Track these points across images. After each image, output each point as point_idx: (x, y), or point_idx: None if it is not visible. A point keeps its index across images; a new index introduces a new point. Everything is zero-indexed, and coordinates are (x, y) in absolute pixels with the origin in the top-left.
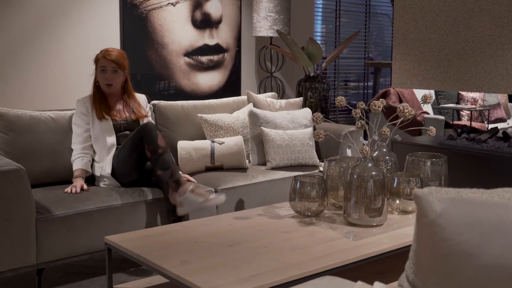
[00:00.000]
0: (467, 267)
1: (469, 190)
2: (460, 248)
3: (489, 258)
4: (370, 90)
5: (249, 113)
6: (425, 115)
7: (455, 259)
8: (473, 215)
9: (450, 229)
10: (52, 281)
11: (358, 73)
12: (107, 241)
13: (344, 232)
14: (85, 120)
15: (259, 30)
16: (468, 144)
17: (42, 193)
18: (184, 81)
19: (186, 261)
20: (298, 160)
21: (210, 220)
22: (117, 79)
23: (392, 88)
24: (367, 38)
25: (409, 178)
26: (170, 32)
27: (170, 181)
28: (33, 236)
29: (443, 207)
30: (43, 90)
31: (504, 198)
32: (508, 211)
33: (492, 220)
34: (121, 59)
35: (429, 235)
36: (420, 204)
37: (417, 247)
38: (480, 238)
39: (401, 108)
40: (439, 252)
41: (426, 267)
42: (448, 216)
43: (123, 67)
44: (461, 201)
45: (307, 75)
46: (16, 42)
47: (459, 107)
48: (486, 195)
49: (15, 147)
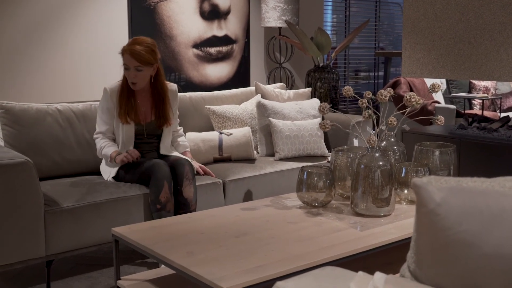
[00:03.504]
0: (467, 256)
1: (470, 179)
2: (459, 237)
3: (489, 248)
4: (381, 80)
5: (257, 104)
6: (436, 104)
7: (455, 249)
8: (473, 204)
9: (449, 218)
10: (61, 273)
11: (368, 63)
12: (114, 232)
13: (351, 222)
14: (110, 115)
15: (267, 21)
16: (479, 133)
17: (50, 186)
18: (193, 73)
19: (192, 252)
20: (306, 150)
21: (217, 211)
22: (142, 76)
23: (402, 77)
24: (377, 28)
25: (417, 167)
26: (178, 24)
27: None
28: (41, 228)
29: (443, 196)
30: (52, 83)
31: (505, 187)
32: (509, 200)
33: (493, 209)
34: (146, 55)
35: (429, 225)
36: (419, 193)
37: (417, 237)
38: (480, 227)
39: (407, 97)
40: (439, 242)
41: (426, 257)
42: (448, 206)
43: (148, 64)
44: (461, 190)
45: (316, 66)
46: (24, 35)
47: (470, 96)
48: (487, 184)
49: (22, 140)
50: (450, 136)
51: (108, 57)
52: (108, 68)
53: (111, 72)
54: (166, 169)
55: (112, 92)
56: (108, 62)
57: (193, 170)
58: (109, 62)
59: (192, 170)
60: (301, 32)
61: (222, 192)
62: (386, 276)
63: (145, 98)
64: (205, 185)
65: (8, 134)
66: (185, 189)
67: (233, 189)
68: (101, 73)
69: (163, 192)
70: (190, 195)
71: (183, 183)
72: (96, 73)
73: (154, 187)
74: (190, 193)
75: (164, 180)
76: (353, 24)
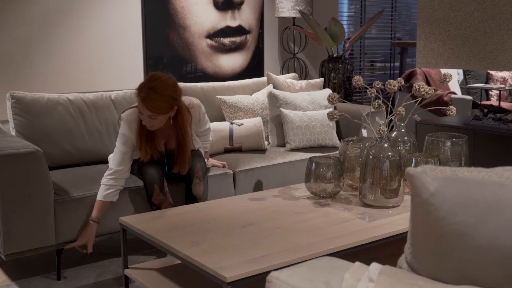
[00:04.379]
0: (462, 248)
1: (466, 169)
2: (454, 228)
3: (485, 240)
4: (397, 70)
5: (268, 94)
6: (452, 95)
7: (450, 240)
8: (468, 195)
9: (444, 208)
10: (73, 261)
11: (385, 54)
12: (122, 221)
13: (359, 213)
14: (130, 146)
15: (281, 11)
16: (494, 125)
17: (61, 175)
18: (207, 63)
19: (197, 242)
20: (317, 141)
21: (225, 201)
22: (157, 122)
23: (418, 68)
24: (394, 18)
25: (427, 158)
26: (192, 14)
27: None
28: (51, 217)
29: (437, 186)
30: (66, 74)
31: (503, 177)
32: (506, 190)
33: (489, 199)
34: (161, 105)
35: (423, 215)
36: (413, 183)
37: (413, 228)
38: (475, 218)
39: (416, 87)
40: (434, 233)
41: (422, 248)
42: (442, 196)
43: (162, 112)
44: (456, 180)
45: (330, 56)
46: (38, 26)
47: (487, 87)
48: (484, 173)
49: (33, 130)
50: (465, 127)
51: (121, 48)
52: (122, 59)
53: (124, 63)
54: (154, 171)
55: (129, 124)
56: (121, 53)
57: (205, 168)
58: (122, 53)
59: (205, 168)
60: (315, 22)
61: (232, 182)
62: (381, 267)
63: (165, 131)
64: (215, 176)
65: (19, 123)
66: (195, 187)
67: (243, 179)
68: (114, 64)
69: (154, 195)
70: (199, 193)
71: (193, 181)
72: (110, 63)
73: (147, 190)
74: (200, 191)
75: (154, 184)
76: (369, 14)
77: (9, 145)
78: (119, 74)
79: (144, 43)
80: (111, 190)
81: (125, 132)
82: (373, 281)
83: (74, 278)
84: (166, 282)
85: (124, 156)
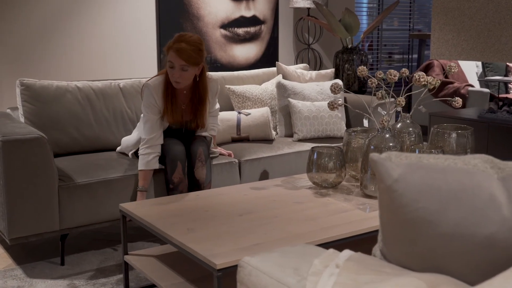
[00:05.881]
0: (427, 235)
1: (432, 156)
2: (417, 215)
3: (448, 227)
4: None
5: (277, 84)
6: (470, 88)
7: (414, 227)
8: (431, 182)
9: (407, 195)
10: (78, 247)
11: (403, 45)
12: (122, 208)
13: (359, 204)
14: (156, 111)
15: (296, 1)
16: (508, 117)
17: (67, 162)
18: (221, 53)
19: (192, 229)
20: (326, 132)
21: (226, 190)
22: (187, 76)
23: (435, 60)
24: (412, 9)
25: (431, 150)
26: (206, 4)
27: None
28: (55, 203)
29: (400, 172)
30: (80, 63)
31: (470, 164)
32: (471, 178)
33: (452, 186)
34: (193, 53)
35: (388, 201)
36: (376, 169)
37: (381, 214)
38: (439, 205)
39: (416, 77)
40: (399, 219)
41: (390, 235)
42: (405, 182)
43: (194, 64)
44: (420, 167)
45: (344, 47)
46: (53, 16)
47: (506, 80)
48: (450, 161)
49: (41, 117)
50: (479, 120)
51: (135, 38)
52: (135, 48)
53: (138, 53)
54: (180, 149)
55: (156, 87)
56: (135, 42)
57: (208, 152)
58: (136, 43)
59: (207, 152)
60: (329, 13)
61: (237, 171)
62: (352, 253)
63: (186, 97)
64: (220, 165)
65: (28, 110)
66: (197, 171)
67: (248, 169)
68: (128, 54)
69: (176, 173)
70: (202, 177)
71: (196, 164)
72: (123, 53)
73: (168, 166)
74: (202, 175)
75: (177, 161)
76: (386, 5)
77: (15, 130)
78: (133, 64)
79: (158, 33)
80: (150, 158)
81: (150, 98)
82: (339, 267)
83: (77, 264)
84: (163, 268)
85: (154, 124)
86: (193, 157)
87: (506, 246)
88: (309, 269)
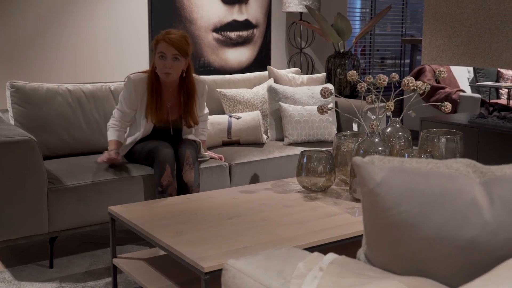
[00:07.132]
0: (409, 238)
1: (415, 160)
2: (400, 218)
3: (430, 230)
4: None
5: (268, 88)
6: (461, 93)
7: (397, 230)
8: (413, 185)
9: (389, 198)
10: (68, 250)
11: (395, 50)
12: (111, 211)
13: (348, 207)
14: (132, 105)
15: (288, 6)
16: (499, 123)
17: (57, 164)
18: (213, 57)
19: (181, 232)
20: (316, 136)
21: (215, 193)
22: (178, 67)
23: (427, 65)
24: (404, 15)
25: (420, 154)
26: (198, 8)
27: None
28: (44, 205)
29: (383, 176)
30: (71, 66)
31: (452, 168)
32: (453, 182)
33: (435, 190)
34: (184, 44)
35: (371, 205)
36: (359, 172)
37: (364, 218)
38: (421, 208)
39: (405, 81)
40: (381, 223)
41: (373, 239)
42: (388, 185)
43: (185, 54)
44: (403, 171)
45: (336, 52)
46: (45, 18)
47: (497, 85)
48: (432, 165)
49: (31, 119)
50: (469, 125)
51: (127, 41)
52: (128, 51)
53: (130, 56)
54: (169, 152)
55: (137, 83)
56: (127, 45)
57: (196, 155)
58: (128, 46)
59: (195, 155)
60: (321, 18)
61: (228, 175)
62: (336, 257)
63: (173, 93)
64: (211, 168)
65: (18, 112)
66: (185, 174)
67: (239, 172)
68: (120, 57)
69: (165, 175)
70: (190, 180)
71: (184, 168)
72: (115, 56)
73: (157, 169)
74: (191, 178)
75: (166, 164)
76: (379, 10)
77: (4, 133)
78: (125, 67)
79: (150, 36)
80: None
81: (129, 92)
82: (323, 270)
83: (66, 267)
84: (151, 271)
85: (125, 115)
86: (181, 160)
87: (487, 250)
88: (293, 272)
